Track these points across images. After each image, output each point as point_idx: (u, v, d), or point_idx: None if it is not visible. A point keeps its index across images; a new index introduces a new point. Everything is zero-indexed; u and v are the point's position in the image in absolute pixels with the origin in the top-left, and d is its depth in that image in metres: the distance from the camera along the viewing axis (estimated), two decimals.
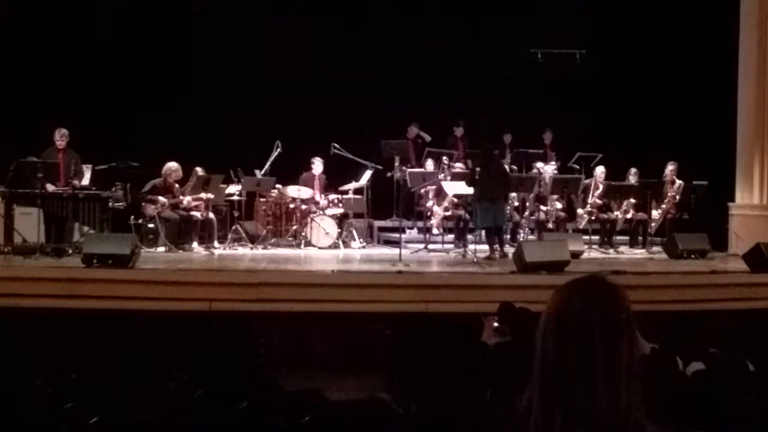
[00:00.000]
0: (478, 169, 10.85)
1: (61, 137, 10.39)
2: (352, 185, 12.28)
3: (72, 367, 5.16)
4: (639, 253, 11.88)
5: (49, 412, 3.78)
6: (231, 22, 13.47)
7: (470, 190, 11.11)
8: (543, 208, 12.07)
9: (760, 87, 11.79)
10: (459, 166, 12.64)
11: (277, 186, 12.05)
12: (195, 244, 11.03)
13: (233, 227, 11.66)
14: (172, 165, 11.16)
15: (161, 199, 10.89)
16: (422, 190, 12.21)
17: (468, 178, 11.09)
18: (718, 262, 10.72)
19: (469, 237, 11.59)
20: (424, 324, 7.65)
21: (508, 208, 11.83)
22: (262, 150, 12.12)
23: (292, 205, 11.98)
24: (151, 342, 6.76)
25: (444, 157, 12.58)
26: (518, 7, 13.94)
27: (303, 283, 8.54)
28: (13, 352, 6.10)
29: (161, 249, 10.71)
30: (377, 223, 13.02)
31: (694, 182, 12.14)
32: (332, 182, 12.36)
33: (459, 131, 13.48)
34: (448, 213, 12.09)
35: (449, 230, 12.46)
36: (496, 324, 5.58)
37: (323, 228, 11.59)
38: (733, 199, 12.13)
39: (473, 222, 11.19)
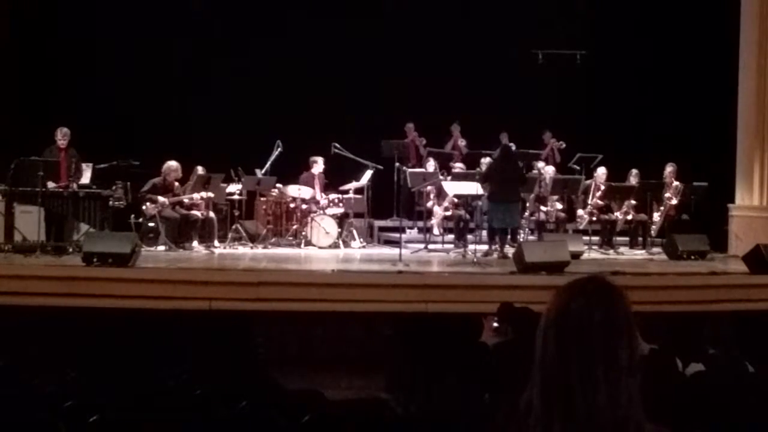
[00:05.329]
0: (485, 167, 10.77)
1: (63, 136, 10.38)
2: (353, 185, 12.28)
3: (72, 366, 5.16)
4: (639, 254, 11.87)
5: (48, 410, 3.78)
6: (231, 23, 13.48)
7: (472, 189, 11.11)
8: (543, 208, 12.06)
9: (761, 88, 11.78)
10: (459, 167, 12.64)
11: (278, 185, 12.05)
12: (195, 243, 11.03)
13: (233, 226, 11.66)
14: (172, 164, 11.16)
15: (160, 199, 10.88)
16: (423, 190, 12.22)
17: (481, 176, 11.08)
18: (718, 264, 10.71)
19: (469, 237, 11.60)
20: (424, 324, 7.65)
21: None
22: (262, 149, 12.13)
23: (292, 205, 11.98)
24: (150, 341, 6.76)
25: (451, 163, 12.61)
26: (519, 7, 13.95)
27: (303, 282, 8.54)
28: (13, 350, 6.10)
29: (161, 248, 10.70)
30: (377, 223, 13.02)
31: (694, 183, 12.13)
32: (333, 182, 12.36)
33: (456, 131, 13.46)
34: (449, 213, 12.09)
35: (449, 230, 12.45)
36: (496, 324, 5.58)
37: (323, 227, 11.59)
38: (733, 201, 12.12)
39: (475, 221, 11.18)
